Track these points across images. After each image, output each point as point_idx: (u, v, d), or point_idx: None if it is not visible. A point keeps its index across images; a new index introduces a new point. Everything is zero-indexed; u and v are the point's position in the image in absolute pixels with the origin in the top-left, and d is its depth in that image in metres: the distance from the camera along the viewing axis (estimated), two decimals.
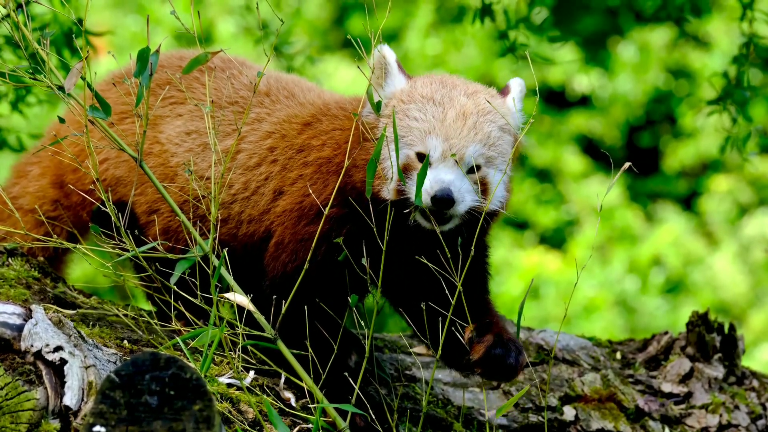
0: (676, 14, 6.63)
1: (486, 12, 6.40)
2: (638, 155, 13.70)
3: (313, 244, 4.47)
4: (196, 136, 4.88)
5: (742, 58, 6.30)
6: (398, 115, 4.48)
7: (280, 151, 4.75)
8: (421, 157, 4.42)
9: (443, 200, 4.35)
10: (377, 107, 4.51)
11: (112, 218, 4.31)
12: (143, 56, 4.22)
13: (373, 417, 4.51)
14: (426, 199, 4.37)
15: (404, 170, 4.43)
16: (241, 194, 4.77)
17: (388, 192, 4.44)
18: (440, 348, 4.45)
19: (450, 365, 4.69)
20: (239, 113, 4.82)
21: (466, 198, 4.42)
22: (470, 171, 4.45)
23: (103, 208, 4.36)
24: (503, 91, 4.68)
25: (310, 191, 4.57)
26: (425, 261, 4.45)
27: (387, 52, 4.59)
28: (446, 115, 4.45)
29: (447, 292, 4.41)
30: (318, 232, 4.48)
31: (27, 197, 5.19)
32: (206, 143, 4.82)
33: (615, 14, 13.17)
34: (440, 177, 4.38)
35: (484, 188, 4.48)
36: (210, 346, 4.20)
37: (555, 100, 13.61)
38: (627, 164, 4.23)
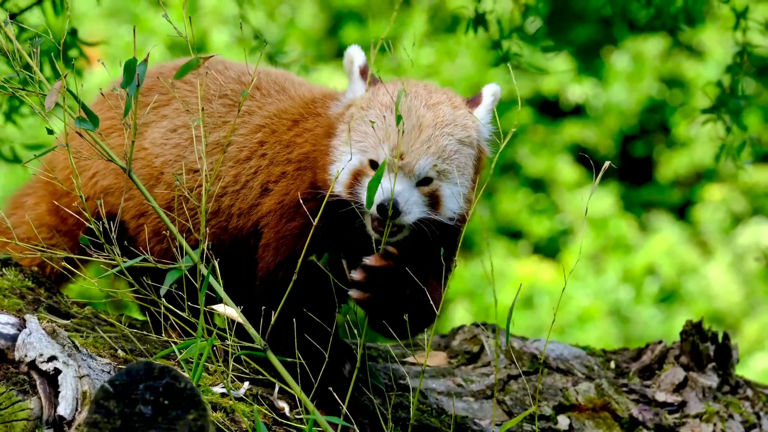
0: (670, 23, 6.64)
1: (479, 22, 6.41)
2: (632, 165, 13.72)
3: (294, 240, 4.56)
4: (184, 130, 4.90)
5: (736, 67, 6.31)
6: (356, 121, 4.52)
7: (269, 146, 4.79)
8: (374, 164, 4.46)
9: (387, 209, 4.36)
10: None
11: (102, 234, 4.31)
12: (130, 67, 4.21)
13: (357, 428, 4.52)
14: (372, 207, 4.39)
15: (356, 175, 4.48)
16: (231, 187, 4.79)
17: (341, 189, 4.49)
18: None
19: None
20: (229, 106, 4.86)
21: (413, 210, 4.44)
22: (422, 183, 4.47)
23: (96, 222, 4.36)
24: (475, 99, 4.67)
25: (291, 189, 4.64)
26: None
27: (355, 55, 4.64)
28: (402, 126, 4.45)
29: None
30: (297, 228, 4.56)
31: (24, 227, 5.18)
32: (194, 136, 4.84)
33: (609, 24, 13.17)
34: (387, 186, 4.39)
35: (435, 201, 4.50)
36: (200, 357, 4.19)
37: (548, 109, 13.63)
38: (607, 163, 4.22)
